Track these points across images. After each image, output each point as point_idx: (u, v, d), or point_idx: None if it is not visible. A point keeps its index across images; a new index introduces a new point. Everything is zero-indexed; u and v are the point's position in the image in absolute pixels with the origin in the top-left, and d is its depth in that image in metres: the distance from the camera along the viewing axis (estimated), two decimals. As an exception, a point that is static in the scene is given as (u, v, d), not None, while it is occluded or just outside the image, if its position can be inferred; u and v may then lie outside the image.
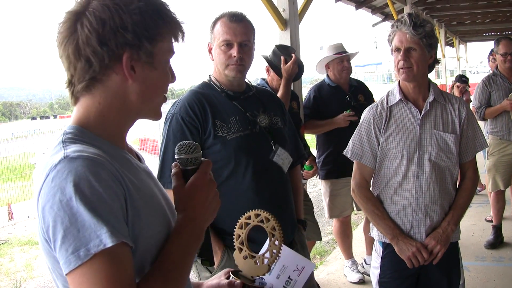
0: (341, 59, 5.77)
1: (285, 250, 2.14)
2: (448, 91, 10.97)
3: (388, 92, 3.50)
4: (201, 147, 1.73)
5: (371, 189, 3.50)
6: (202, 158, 1.68)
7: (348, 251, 6.24)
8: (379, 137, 3.38)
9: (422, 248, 3.25)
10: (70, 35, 1.53)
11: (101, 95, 1.57)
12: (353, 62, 6.02)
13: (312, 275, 3.47)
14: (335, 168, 5.72)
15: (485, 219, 8.02)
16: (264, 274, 2.04)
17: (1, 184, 15.69)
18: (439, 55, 23.27)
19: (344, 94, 5.79)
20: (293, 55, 4.64)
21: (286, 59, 4.62)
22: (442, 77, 25.96)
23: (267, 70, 5.04)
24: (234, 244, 2.10)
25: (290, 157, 3.24)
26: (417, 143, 3.30)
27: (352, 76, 6.03)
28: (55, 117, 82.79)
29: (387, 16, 15.08)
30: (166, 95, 1.67)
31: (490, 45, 7.78)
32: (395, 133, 3.34)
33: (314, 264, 2.19)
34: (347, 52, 5.85)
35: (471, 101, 7.64)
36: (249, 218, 2.08)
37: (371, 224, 3.53)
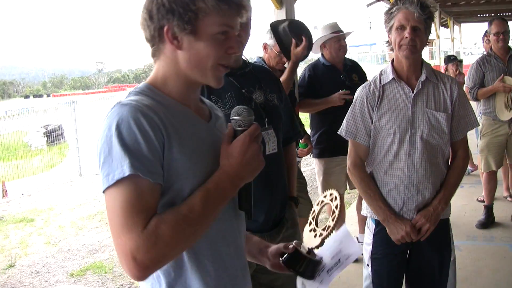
0: (338, 38, 5.80)
1: (345, 235, 2.22)
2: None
3: (381, 71, 3.53)
4: None
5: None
6: (254, 122, 1.85)
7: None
8: (372, 115, 3.41)
9: (411, 230, 3.31)
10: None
11: (163, 60, 1.87)
12: (347, 42, 6.04)
13: None
14: (329, 146, 5.76)
15: (477, 199, 8.09)
16: (317, 247, 2.21)
17: (-5, 162, 15.69)
18: (433, 36, 23.29)
19: (339, 74, 5.82)
20: (304, 38, 4.65)
21: (297, 43, 4.64)
22: (436, 57, 25.97)
23: (264, 47, 5.05)
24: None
25: (275, 140, 3.24)
26: (409, 121, 3.33)
27: (346, 56, 6.05)
28: (48, 95, 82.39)
29: (382, -2, 15.10)
30: (226, 64, 1.86)
31: (484, 26, 7.81)
32: (388, 111, 3.37)
33: (361, 251, 2.30)
34: (343, 31, 5.86)
35: (463, 83, 7.67)
36: (325, 196, 2.25)
37: (363, 202, 3.58)
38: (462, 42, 43.73)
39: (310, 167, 11.01)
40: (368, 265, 3.55)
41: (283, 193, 3.35)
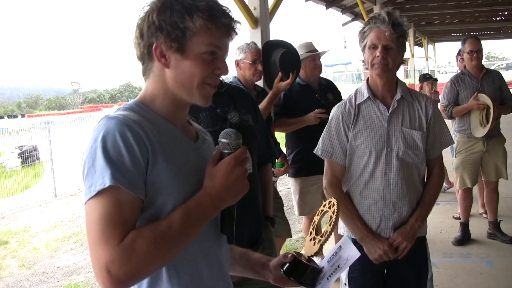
0: (313, 57, 5.83)
1: (344, 241, 2.26)
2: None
3: (356, 90, 3.55)
4: None
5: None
6: (241, 146, 1.87)
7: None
8: (348, 134, 3.42)
9: (388, 249, 3.32)
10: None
11: (152, 78, 1.90)
12: (322, 61, 6.08)
13: None
14: (305, 166, 5.76)
15: (453, 216, 8.14)
16: (316, 255, 2.23)
17: (-31, 183, 15.52)
18: (408, 54, 23.57)
19: (314, 93, 5.83)
20: (291, 75, 4.72)
21: (282, 78, 4.69)
22: (411, 76, 26.26)
23: (237, 65, 5.08)
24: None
25: (250, 160, 3.23)
26: (385, 140, 3.35)
27: (321, 75, 6.09)
28: (23, 116, 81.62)
29: (356, 16, 15.25)
30: (212, 83, 1.89)
31: (458, 45, 7.90)
32: (364, 130, 3.38)
33: (360, 253, 2.31)
34: (318, 51, 5.89)
35: (439, 101, 7.74)
36: (325, 205, 2.28)
37: (340, 221, 3.57)
38: (437, 61, 44.21)
39: (287, 186, 11.01)
40: (345, 284, 3.53)
41: (258, 213, 3.36)
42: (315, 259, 2.27)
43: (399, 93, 3.39)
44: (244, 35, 6.12)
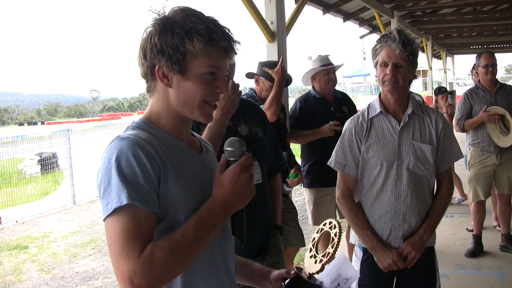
0: (327, 71, 5.94)
1: (344, 260, 2.37)
2: (431, 105, 11.11)
3: (369, 104, 3.67)
4: None
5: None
6: (245, 153, 1.96)
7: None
8: (361, 146, 3.54)
9: (398, 259, 3.43)
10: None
11: (156, 96, 2.02)
12: (341, 73, 6.18)
13: None
14: (319, 177, 5.88)
15: (467, 228, 8.20)
16: (317, 273, 2.33)
17: (-11, 190, 15.69)
18: (426, 67, 23.50)
19: (329, 106, 5.94)
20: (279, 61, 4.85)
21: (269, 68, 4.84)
22: (429, 89, 26.18)
23: (256, 81, 5.19)
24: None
25: (260, 171, 3.35)
26: (396, 153, 3.47)
27: (339, 87, 6.19)
28: (42, 123, 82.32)
29: (374, 28, 15.32)
30: (212, 102, 2.01)
31: (476, 58, 7.92)
32: (375, 143, 3.51)
33: (359, 275, 2.43)
34: (333, 64, 6.01)
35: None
36: (325, 224, 2.37)
37: (351, 230, 3.69)
38: (456, 73, 44.08)
39: (302, 196, 11.10)
40: (355, 291, 3.65)
41: (267, 221, 3.49)
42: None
43: (410, 108, 3.51)
44: (261, 49, 6.25)
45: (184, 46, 1.88)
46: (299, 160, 6.00)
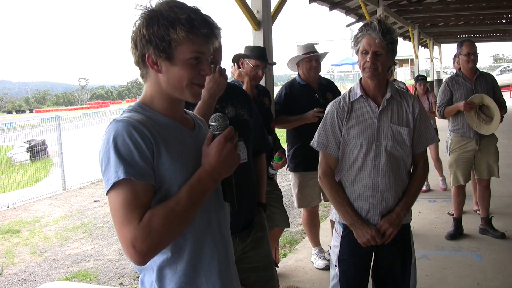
0: (309, 58, 6.13)
1: None
2: (412, 91, 11.35)
3: (350, 88, 3.88)
4: None
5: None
6: (228, 126, 2.20)
7: (315, 240, 6.61)
8: (342, 128, 3.74)
9: (376, 235, 3.64)
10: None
11: (149, 82, 2.24)
12: (329, 61, 6.34)
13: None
14: (304, 161, 6.08)
15: (448, 212, 8.46)
16: None
17: (-22, 176, 15.77)
18: (413, 55, 23.66)
19: (314, 92, 6.14)
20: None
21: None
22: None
23: (241, 63, 5.36)
24: None
25: (245, 151, 3.53)
26: (374, 134, 3.67)
27: (328, 75, 6.35)
28: (31, 111, 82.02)
29: (361, 17, 15.48)
30: (199, 83, 2.22)
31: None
32: (356, 125, 3.71)
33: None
34: (316, 52, 6.20)
35: (435, 101, 8.03)
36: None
37: (332, 208, 3.90)
38: (443, 62, 44.29)
39: (289, 182, 11.33)
40: (335, 265, 3.85)
41: (252, 199, 3.69)
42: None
43: (388, 93, 3.71)
44: (247, 37, 6.43)
45: (169, 35, 2.08)
46: (284, 145, 6.19)
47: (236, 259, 3.39)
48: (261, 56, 5.36)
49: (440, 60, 43.25)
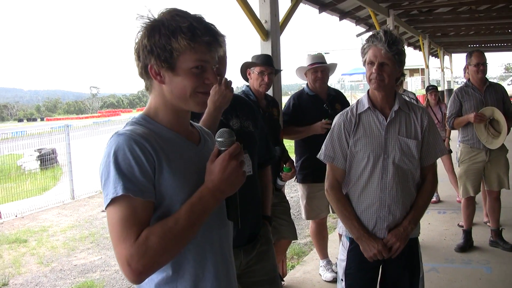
0: (315, 69, 6.09)
1: None
2: (422, 102, 11.29)
3: (358, 100, 3.83)
4: None
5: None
6: (236, 143, 2.11)
7: (323, 252, 6.54)
8: (349, 140, 3.70)
9: (383, 249, 3.58)
10: None
11: (153, 93, 2.19)
12: (339, 70, 6.30)
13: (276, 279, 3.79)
14: (312, 172, 6.03)
15: (458, 224, 8.36)
16: None
17: (-12, 185, 15.81)
18: (423, 65, 23.57)
19: (322, 103, 6.09)
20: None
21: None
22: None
23: (249, 74, 5.36)
24: None
25: (250, 163, 3.50)
26: (382, 147, 3.62)
27: (338, 85, 6.30)
28: (42, 119, 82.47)
29: (371, 27, 15.42)
30: (204, 92, 2.15)
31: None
32: (363, 137, 3.66)
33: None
34: (323, 63, 6.15)
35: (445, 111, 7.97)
36: None
37: (338, 221, 3.85)
38: (454, 71, 44.18)
39: (297, 193, 11.29)
40: (342, 279, 3.80)
41: (257, 212, 3.65)
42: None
43: (396, 105, 3.66)
44: (256, 46, 6.39)
45: (170, 45, 2.04)
46: (293, 156, 6.15)
47: (241, 273, 3.37)
48: (265, 62, 5.33)
49: (451, 70, 43.09)
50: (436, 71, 39.58)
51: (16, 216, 12.73)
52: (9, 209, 13.28)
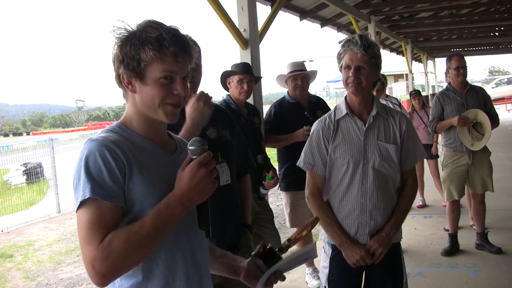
0: (294, 77, 6.09)
1: (310, 249, 2.70)
2: (406, 108, 11.33)
3: (336, 106, 3.83)
4: None
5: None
6: (207, 151, 2.10)
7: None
8: (328, 147, 3.69)
9: (365, 255, 3.57)
10: None
11: (128, 102, 2.24)
12: (324, 77, 6.31)
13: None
14: (295, 180, 6.00)
15: (444, 228, 8.34)
16: (280, 251, 2.67)
17: (-26, 200, 15.72)
18: (406, 70, 23.67)
19: (303, 110, 6.09)
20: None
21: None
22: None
23: (228, 83, 5.37)
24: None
25: (228, 172, 3.49)
26: (361, 152, 3.62)
27: (323, 92, 6.30)
28: (28, 133, 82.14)
29: (353, 33, 15.48)
30: (173, 103, 2.16)
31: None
32: (342, 143, 3.66)
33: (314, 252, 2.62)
34: (302, 70, 6.15)
35: None
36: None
37: (320, 228, 3.84)
38: (437, 75, 44.33)
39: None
40: (325, 286, 3.79)
41: (236, 220, 3.64)
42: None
43: (374, 110, 3.66)
44: (235, 55, 6.40)
45: (138, 55, 2.08)
46: (275, 164, 6.14)
47: (222, 282, 3.34)
48: (244, 70, 5.35)
49: (435, 74, 43.34)
50: (421, 76, 39.66)
51: (1, 231, 12.67)
52: (-5, 224, 13.18)
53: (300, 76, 6.09)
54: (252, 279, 2.53)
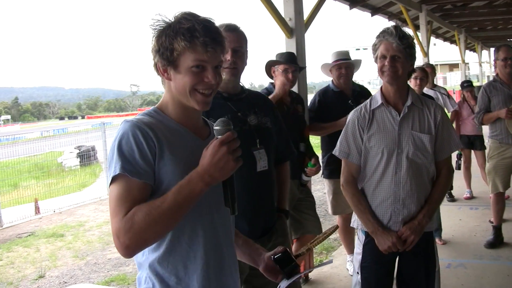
0: (339, 66, 6.10)
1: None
2: (456, 99, 11.14)
3: (371, 96, 3.89)
4: None
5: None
6: (231, 130, 2.16)
7: (350, 246, 6.56)
8: (363, 136, 3.76)
9: (397, 241, 3.63)
10: None
11: (165, 88, 2.37)
12: (368, 67, 6.31)
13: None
14: (337, 168, 6.00)
15: (489, 220, 8.20)
16: (303, 253, 2.88)
17: (29, 181, 16.14)
18: (459, 60, 23.29)
19: (347, 99, 6.11)
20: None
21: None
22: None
23: (273, 72, 5.45)
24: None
25: (266, 159, 3.58)
26: (396, 142, 3.67)
27: (377, 80, 6.31)
28: (82, 117, 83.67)
29: (404, 23, 15.33)
30: (205, 92, 2.28)
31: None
32: (377, 133, 3.72)
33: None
34: (348, 60, 6.17)
35: None
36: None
37: (353, 215, 3.91)
38: (492, 66, 43.47)
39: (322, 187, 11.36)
40: (358, 272, 3.87)
41: (271, 206, 3.72)
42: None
43: (409, 100, 3.72)
44: (280, 44, 6.47)
45: (172, 45, 2.20)
46: (319, 152, 6.20)
47: (249, 276, 3.47)
48: (289, 59, 5.42)
49: (490, 64, 42.46)
50: (477, 65, 38.96)
51: (54, 211, 13.07)
52: (48, 205, 13.62)
53: (344, 65, 6.11)
54: (270, 272, 2.63)
